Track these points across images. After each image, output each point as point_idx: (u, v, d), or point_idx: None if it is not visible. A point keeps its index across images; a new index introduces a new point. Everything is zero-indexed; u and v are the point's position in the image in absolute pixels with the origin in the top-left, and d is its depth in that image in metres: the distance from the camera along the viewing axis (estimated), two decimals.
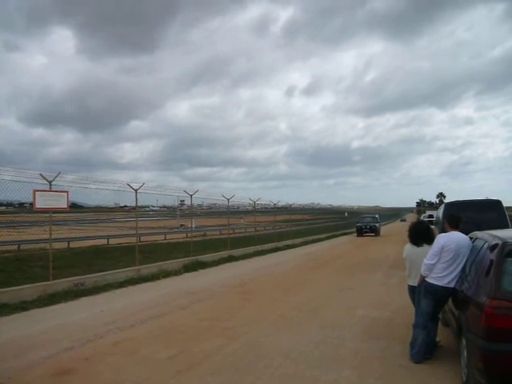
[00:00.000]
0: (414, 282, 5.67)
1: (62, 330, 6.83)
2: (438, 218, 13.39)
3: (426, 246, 5.63)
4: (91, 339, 6.36)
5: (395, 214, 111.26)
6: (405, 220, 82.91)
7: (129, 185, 12.27)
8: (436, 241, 5.40)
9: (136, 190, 12.29)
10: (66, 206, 9.97)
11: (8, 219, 25.01)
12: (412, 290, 5.82)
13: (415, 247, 5.80)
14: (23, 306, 8.23)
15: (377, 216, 41.52)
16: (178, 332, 6.77)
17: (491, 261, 4.38)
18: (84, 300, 9.07)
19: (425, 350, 5.35)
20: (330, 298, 9.46)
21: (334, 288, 10.70)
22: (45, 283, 9.44)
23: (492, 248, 4.57)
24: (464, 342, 4.57)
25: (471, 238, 5.58)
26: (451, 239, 5.30)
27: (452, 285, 5.19)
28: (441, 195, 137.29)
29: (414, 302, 5.80)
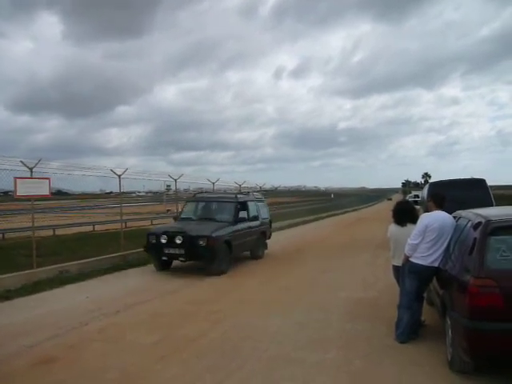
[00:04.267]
0: (399, 262, 5.68)
1: (46, 318, 6.73)
2: (422, 197, 13.47)
3: (410, 226, 5.63)
4: (76, 326, 6.29)
5: (380, 195, 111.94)
6: (391, 199, 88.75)
7: (112, 170, 12.06)
8: (419, 220, 5.40)
9: (119, 176, 12.10)
10: (47, 193, 9.76)
11: None
12: (396, 270, 5.84)
13: (399, 227, 5.80)
14: (7, 295, 8.08)
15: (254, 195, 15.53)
16: (163, 316, 6.75)
17: (475, 239, 4.39)
18: (69, 287, 8.94)
19: (410, 330, 5.38)
20: (317, 280, 9.50)
21: (320, 269, 10.74)
22: (29, 271, 9.29)
23: (475, 226, 4.57)
24: (448, 321, 4.60)
25: (455, 217, 5.58)
26: (435, 219, 5.30)
27: (436, 264, 5.20)
28: (426, 175, 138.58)
29: (398, 282, 5.83)
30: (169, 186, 20.45)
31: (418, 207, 12.95)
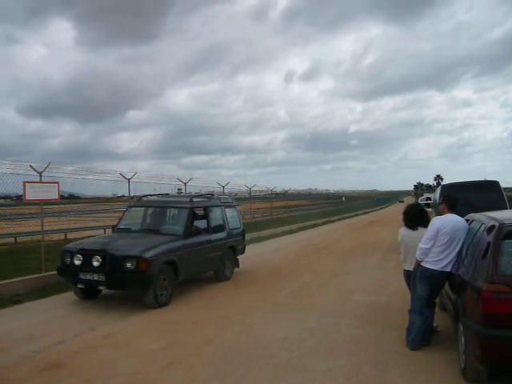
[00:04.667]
0: (410, 267, 5.55)
1: (52, 323, 6.70)
2: (434, 200, 13.28)
3: (421, 229, 5.49)
4: (82, 331, 6.25)
5: (392, 197, 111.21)
6: (403, 201, 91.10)
7: (121, 174, 12.09)
8: (431, 224, 5.26)
9: (129, 180, 12.13)
10: (56, 197, 9.77)
11: (6, 212, 24.74)
12: (407, 275, 5.71)
13: (410, 231, 5.67)
14: (15, 299, 8.08)
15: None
16: (169, 323, 6.67)
17: (488, 243, 4.26)
18: None
19: (421, 336, 5.25)
20: (326, 284, 9.36)
21: (330, 273, 10.62)
22: (38, 275, 9.30)
23: (489, 230, 4.44)
24: (461, 327, 4.46)
25: (467, 220, 5.45)
26: (447, 222, 5.17)
27: (448, 269, 5.07)
28: (438, 177, 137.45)
29: (409, 287, 5.69)
30: (180, 189, 20.42)
31: (429, 210, 12.86)
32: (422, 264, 5.20)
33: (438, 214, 6.14)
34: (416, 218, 5.70)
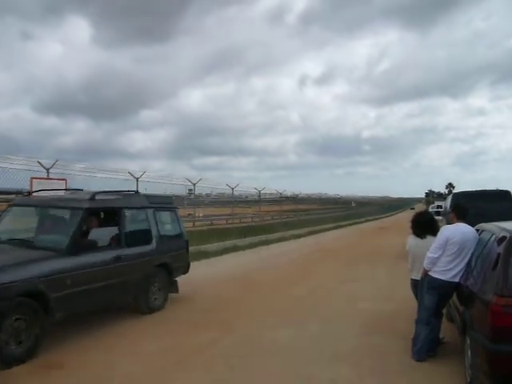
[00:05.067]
0: (417, 276, 5.42)
1: None
2: (445, 208, 13.09)
3: (429, 238, 5.37)
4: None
5: (403, 204, 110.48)
6: (414, 208, 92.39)
7: (130, 173, 12.10)
8: (440, 233, 5.14)
9: (137, 179, 12.12)
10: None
11: None
12: (414, 284, 5.58)
13: (418, 239, 5.54)
14: None
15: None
16: (172, 323, 6.59)
17: (498, 254, 4.12)
18: None
19: (427, 347, 5.11)
20: (333, 291, 9.23)
21: (337, 279, 10.49)
22: None
23: (500, 241, 4.31)
24: (468, 340, 4.33)
25: (478, 230, 5.31)
26: (456, 231, 5.04)
27: (457, 279, 4.94)
28: (450, 186, 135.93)
29: (416, 297, 5.57)
30: (191, 190, 20.43)
31: (440, 218, 12.67)
32: (430, 273, 5.07)
33: (449, 222, 6.02)
34: (425, 226, 5.58)
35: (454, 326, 5.85)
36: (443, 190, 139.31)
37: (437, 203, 38.35)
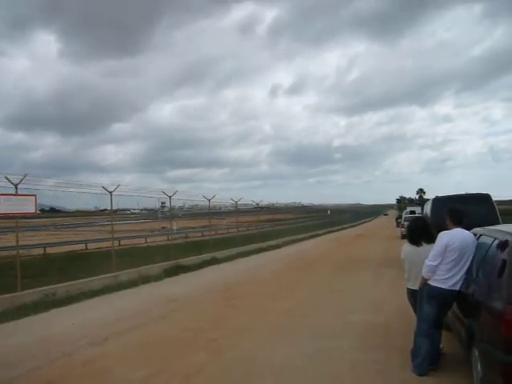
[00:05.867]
0: (415, 286, 5.15)
1: (25, 349, 6.12)
2: (425, 214, 12.95)
3: (425, 246, 5.12)
4: (58, 357, 5.70)
5: (376, 210, 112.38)
6: (387, 214, 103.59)
7: (103, 187, 11.56)
8: (439, 239, 4.89)
9: (111, 193, 11.61)
10: (33, 211, 9.24)
11: None
12: (412, 294, 5.30)
13: (414, 247, 5.27)
14: None
15: None
16: (157, 346, 6.15)
17: (504, 261, 3.89)
18: (54, 312, 8.34)
19: (429, 361, 4.84)
20: (321, 303, 8.89)
21: (323, 291, 10.19)
22: (12, 294, 8.71)
23: (503, 246, 4.09)
24: (477, 352, 4.06)
25: (475, 235, 5.10)
26: (455, 237, 4.81)
27: (457, 287, 4.69)
28: (421, 191, 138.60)
29: (414, 308, 5.30)
30: (163, 203, 20.06)
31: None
32: (429, 282, 4.81)
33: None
34: (420, 233, 5.31)
35: (450, 335, 5.61)
36: (414, 196, 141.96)
37: (409, 209, 38.75)
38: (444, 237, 4.87)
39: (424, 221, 5.77)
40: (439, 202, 11.36)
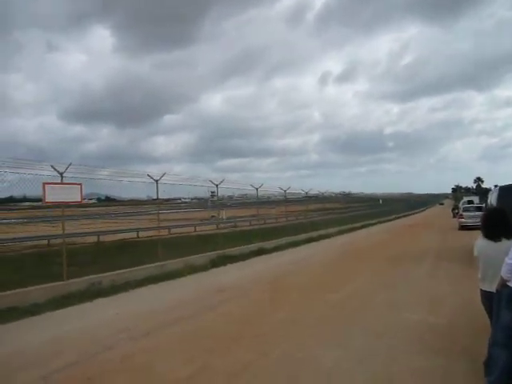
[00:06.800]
0: (490, 287, 4.45)
1: (66, 340, 5.97)
2: (490, 204, 11.94)
3: (504, 241, 4.41)
4: (99, 351, 5.48)
5: (428, 200, 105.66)
6: (443, 204, 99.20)
7: (149, 175, 11.41)
8: None
9: (157, 181, 11.45)
10: (79, 200, 9.15)
11: (44, 214, 24.64)
12: (487, 297, 4.60)
13: (491, 242, 4.56)
14: (33, 310, 7.47)
15: None
16: (202, 340, 5.81)
17: None
18: (99, 301, 8.24)
19: (508, 375, 4.17)
20: (373, 296, 8.29)
21: (376, 284, 9.56)
22: (58, 283, 8.69)
23: None
24: None
25: None
26: None
27: None
28: (478, 180, 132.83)
29: (488, 312, 4.62)
30: (213, 192, 20.00)
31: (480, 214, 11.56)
32: (510, 284, 4.14)
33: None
34: (498, 225, 4.58)
35: None
36: (471, 185, 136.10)
37: (466, 198, 36.78)
38: None
39: (503, 212, 4.99)
40: (507, 191, 10.42)
